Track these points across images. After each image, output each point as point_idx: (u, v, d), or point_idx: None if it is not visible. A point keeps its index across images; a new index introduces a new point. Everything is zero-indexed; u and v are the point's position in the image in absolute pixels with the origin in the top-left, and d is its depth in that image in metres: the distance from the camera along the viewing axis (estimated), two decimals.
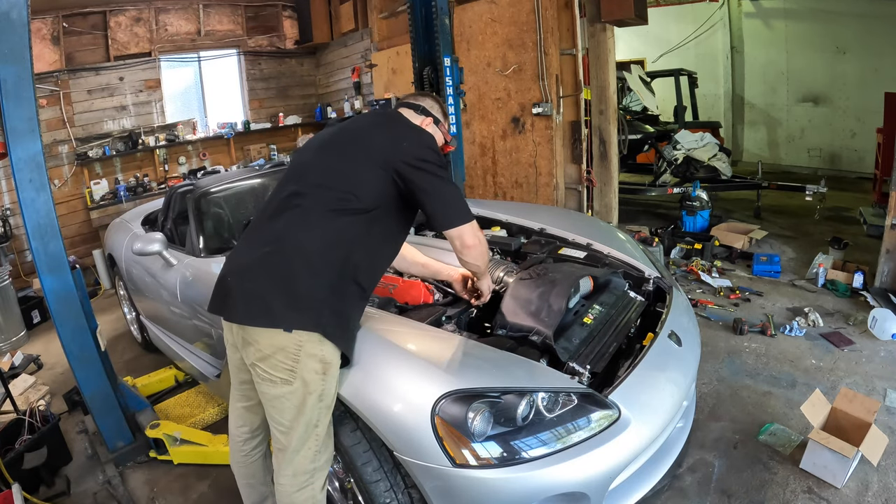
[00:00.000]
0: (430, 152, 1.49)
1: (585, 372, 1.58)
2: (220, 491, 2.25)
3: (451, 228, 1.48)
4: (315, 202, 1.46)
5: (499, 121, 4.98)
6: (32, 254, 2.10)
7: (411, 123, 1.64)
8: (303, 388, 1.39)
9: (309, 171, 1.56)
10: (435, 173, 1.46)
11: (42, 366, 3.75)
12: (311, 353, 1.37)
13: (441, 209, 1.47)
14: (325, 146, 1.62)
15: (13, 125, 1.95)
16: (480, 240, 1.54)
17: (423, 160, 1.45)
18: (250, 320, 1.39)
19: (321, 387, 1.40)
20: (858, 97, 6.82)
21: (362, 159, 1.50)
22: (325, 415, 1.45)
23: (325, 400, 1.43)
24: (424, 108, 1.75)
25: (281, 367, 1.37)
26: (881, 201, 4.52)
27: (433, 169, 1.46)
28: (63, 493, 2.32)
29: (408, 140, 1.51)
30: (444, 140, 1.76)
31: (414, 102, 1.76)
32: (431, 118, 1.74)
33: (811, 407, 2.12)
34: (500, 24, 4.71)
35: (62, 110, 5.58)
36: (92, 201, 5.66)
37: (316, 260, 1.40)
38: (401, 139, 1.51)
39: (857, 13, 6.55)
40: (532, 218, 2.74)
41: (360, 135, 1.58)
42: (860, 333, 3.03)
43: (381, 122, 1.66)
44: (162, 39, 6.22)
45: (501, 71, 4.79)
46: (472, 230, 1.51)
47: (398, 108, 1.75)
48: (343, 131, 1.61)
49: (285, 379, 1.38)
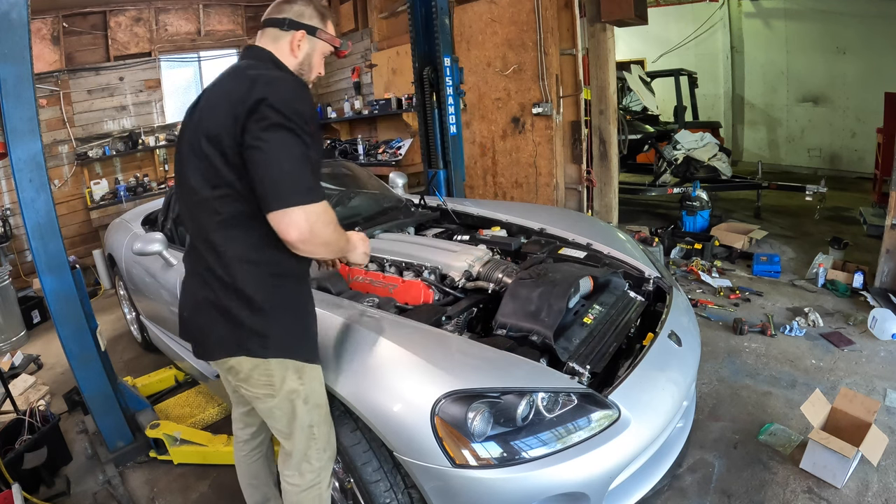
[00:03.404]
0: (288, 101, 1.18)
1: (585, 372, 1.58)
2: (220, 491, 2.25)
3: (274, 209, 1.16)
4: (204, 217, 1.30)
5: (499, 121, 4.98)
6: (32, 254, 2.10)
7: (264, 75, 1.25)
8: (287, 397, 1.38)
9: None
10: (280, 124, 1.16)
11: (42, 366, 3.75)
12: (281, 366, 1.36)
13: (270, 178, 1.16)
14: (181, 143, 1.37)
15: (13, 125, 1.95)
16: (315, 231, 1.19)
17: (270, 106, 1.16)
18: (218, 355, 1.38)
19: (303, 390, 1.39)
20: (858, 97, 6.82)
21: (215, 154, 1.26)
22: (317, 414, 1.44)
23: (311, 400, 1.42)
24: (290, 21, 1.36)
25: (260, 383, 1.37)
26: (881, 201, 4.52)
27: (278, 119, 1.16)
28: (63, 493, 2.32)
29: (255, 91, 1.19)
30: (334, 47, 1.44)
31: (276, 17, 1.38)
32: (303, 30, 1.37)
33: (811, 407, 2.12)
34: (500, 24, 4.71)
35: (62, 110, 5.58)
36: (92, 201, 5.66)
37: (238, 278, 1.29)
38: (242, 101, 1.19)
39: (857, 13, 6.55)
40: (532, 218, 2.73)
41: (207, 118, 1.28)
42: (860, 333, 3.03)
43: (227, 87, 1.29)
44: (162, 39, 6.22)
45: (501, 71, 4.79)
46: (307, 215, 1.17)
47: (259, 35, 1.41)
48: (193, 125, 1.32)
49: (268, 393, 1.38)
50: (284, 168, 1.16)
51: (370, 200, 3.10)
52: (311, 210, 1.18)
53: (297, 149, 1.18)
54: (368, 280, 2.17)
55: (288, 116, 1.17)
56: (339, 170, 3.44)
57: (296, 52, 1.38)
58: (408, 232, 2.73)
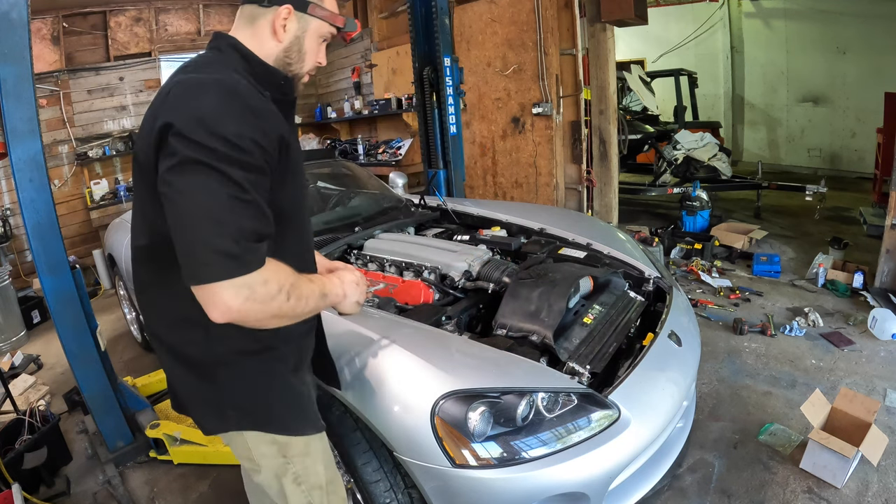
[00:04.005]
0: (205, 122, 0.86)
1: (585, 372, 1.58)
2: (220, 491, 2.25)
3: (191, 285, 0.87)
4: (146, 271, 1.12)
5: (499, 121, 4.98)
6: (32, 254, 2.10)
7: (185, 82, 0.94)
8: (271, 475, 1.18)
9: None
10: (192, 160, 0.85)
11: (42, 366, 3.75)
12: (257, 440, 1.14)
13: (181, 241, 0.87)
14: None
15: (13, 125, 1.95)
16: (248, 310, 0.88)
17: (178, 135, 0.86)
18: (198, 426, 1.18)
19: (290, 469, 1.17)
20: (858, 97, 6.82)
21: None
22: (317, 496, 1.21)
23: (306, 481, 1.19)
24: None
25: (244, 457, 1.18)
26: (881, 201, 4.51)
27: (189, 152, 0.85)
28: (63, 493, 2.32)
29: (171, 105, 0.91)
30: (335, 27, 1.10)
31: None
32: (289, 5, 1.03)
33: (811, 407, 2.12)
34: (500, 24, 4.71)
35: (62, 110, 5.58)
36: (92, 201, 5.66)
37: (181, 347, 1.09)
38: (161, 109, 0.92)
39: (858, 13, 6.55)
40: (532, 218, 2.73)
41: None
42: (860, 333, 3.03)
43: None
44: (162, 39, 6.22)
45: (501, 71, 4.79)
46: (235, 291, 0.86)
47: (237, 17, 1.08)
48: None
49: (253, 468, 1.18)
50: (198, 227, 0.84)
51: (370, 200, 3.10)
52: (242, 283, 0.85)
53: (219, 193, 0.84)
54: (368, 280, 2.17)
55: (204, 145, 0.84)
56: (339, 170, 3.44)
57: (280, 35, 1.04)
58: (408, 232, 2.73)
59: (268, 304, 0.90)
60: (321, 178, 3.31)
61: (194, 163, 0.84)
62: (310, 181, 3.27)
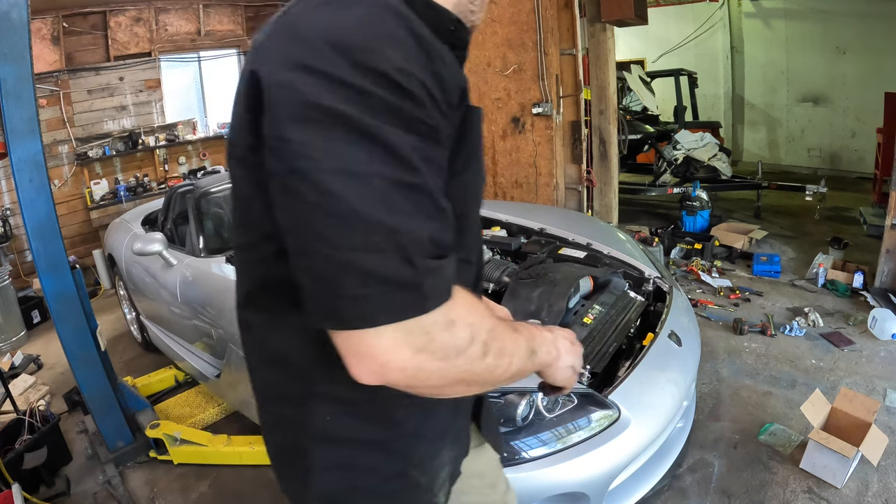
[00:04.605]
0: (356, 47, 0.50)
1: (585, 372, 1.58)
2: (220, 491, 2.25)
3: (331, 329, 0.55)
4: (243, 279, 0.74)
5: (499, 121, 4.98)
6: (32, 254, 2.10)
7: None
8: None
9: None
10: (331, 111, 0.49)
11: (42, 366, 3.75)
12: None
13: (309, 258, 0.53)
14: None
15: (13, 125, 1.95)
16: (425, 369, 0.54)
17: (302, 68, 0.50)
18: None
19: None
20: (858, 97, 6.82)
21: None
22: None
23: None
24: None
25: None
26: (881, 201, 4.51)
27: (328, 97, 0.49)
28: (63, 493, 2.32)
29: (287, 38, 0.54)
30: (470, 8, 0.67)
31: None
32: None
33: (811, 407, 2.12)
34: (500, 24, 4.71)
35: (62, 110, 5.58)
36: (92, 201, 5.66)
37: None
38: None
39: (857, 13, 6.55)
40: (532, 218, 2.74)
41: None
42: (860, 333, 3.03)
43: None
44: (162, 39, 6.22)
45: (501, 71, 4.79)
46: (409, 340, 0.53)
47: None
48: None
49: None
50: (339, 235, 0.50)
51: None
52: (416, 327, 0.53)
53: (372, 173, 0.50)
54: None
55: (346, 83, 0.49)
56: None
57: None
58: None
59: (452, 360, 0.55)
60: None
61: (326, 118, 0.49)
62: None
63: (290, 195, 0.52)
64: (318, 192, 0.49)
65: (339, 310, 0.52)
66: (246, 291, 0.71)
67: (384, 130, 0.49)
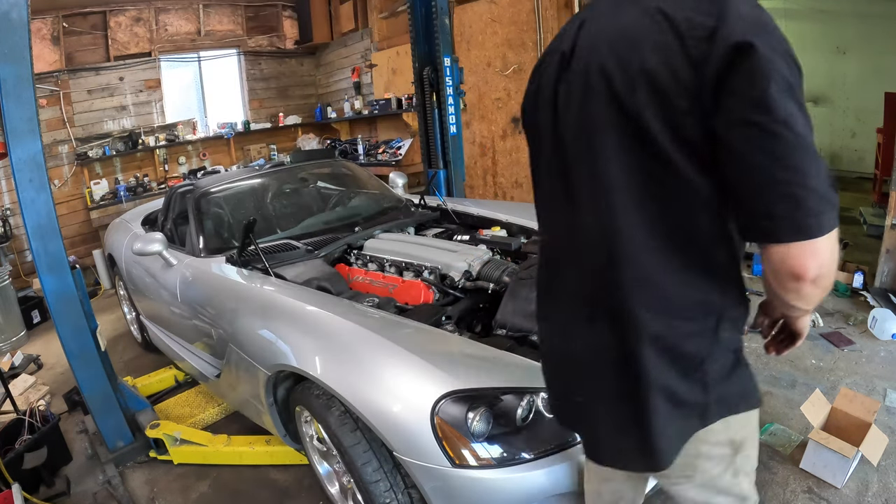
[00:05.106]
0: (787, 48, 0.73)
1: None
2: (220, 491, 2.25)
3: (789, 240, 0.73)
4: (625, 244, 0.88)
5: (499, 121, 4.98)
6: (32, 254, 2.10)
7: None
8: (711, 475, 0.99)
9: None
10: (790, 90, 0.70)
11: (42, 366, 3.75)
12: (716, 434, 0.97)
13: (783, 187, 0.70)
14: None
15: (13, 125, 1.95)
16: (831, 267, 0.75)
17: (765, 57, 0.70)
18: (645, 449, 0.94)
19: (734, 462, 0.99)
20: (858, 97, 6.82)
21: None
22: (745, 483, 1.02)
23: (741, 470, 1.00)
24: None
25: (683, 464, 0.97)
26: (881, 201, 4.51)
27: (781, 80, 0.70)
28: (63, 493, 2.32)
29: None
30: None
31: None
32: None
33: (811, 407, 2.12)
34: (500, 24, 4.71)
35: (62, 110, 5.58)
36: (92, 201, 5.67)
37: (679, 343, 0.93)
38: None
39: (857, 13, 6.55)
40: (532, 218, 2.73)
41: None
42: (860, 333, 3.03)
43: None
44: (162, 39, 6.22)
45: (501, 71, 4.80)
46: (830, 244, 0.73)
47: None
48: None
49: (685, 476, 0.99)
50: (808, 167, 0.69)
51: (370, 200, 3.10)
52: (834, 236, 0.73)
53: (808, 126, 0.71)
54: (368, 280, 2.17)
55: (791, 61, 0.72)
56: (339, 170, 3.44)
57: None
58: (408, 232, 2.74)
59: (834, 265, 0.76)
60: (321, 178, 3.31)
61: (790, 87, 0.70)
62: (310, 181, 3.28)
63: (773, 139, 0.69)
64: (793, 136, 0.69)
65: (803, 223, 0.70)
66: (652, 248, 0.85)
67: (803, 101, 0.72)
